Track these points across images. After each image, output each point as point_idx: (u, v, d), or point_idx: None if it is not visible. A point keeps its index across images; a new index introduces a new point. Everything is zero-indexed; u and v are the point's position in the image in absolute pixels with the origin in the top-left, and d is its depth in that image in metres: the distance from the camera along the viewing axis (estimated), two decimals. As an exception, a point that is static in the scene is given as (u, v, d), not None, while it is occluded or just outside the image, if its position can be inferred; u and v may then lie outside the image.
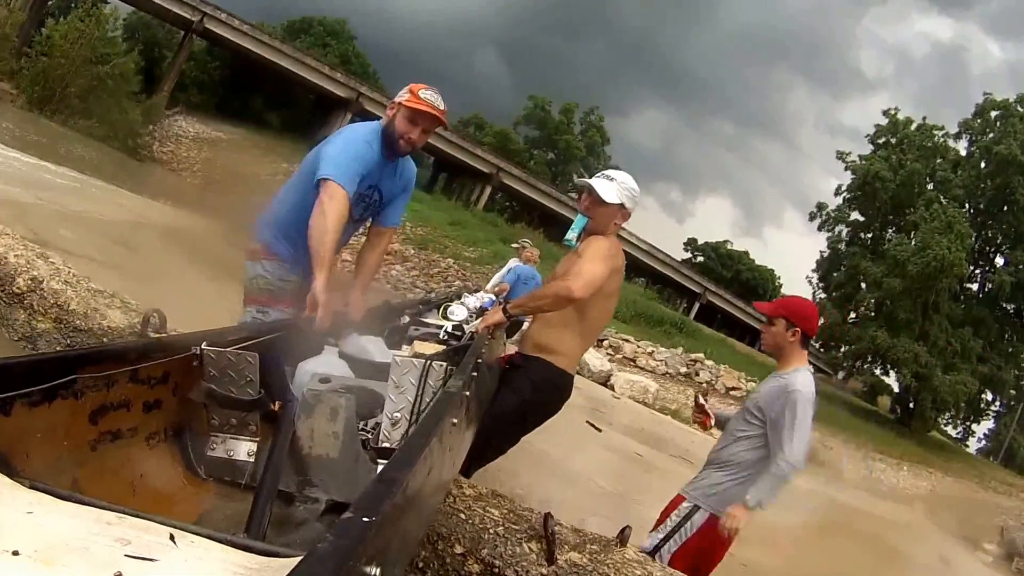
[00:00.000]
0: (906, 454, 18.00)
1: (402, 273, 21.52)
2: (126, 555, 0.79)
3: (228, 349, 1.65)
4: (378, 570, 0.75)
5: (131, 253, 6.78)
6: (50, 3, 35.33)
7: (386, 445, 1.53)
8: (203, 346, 1.63)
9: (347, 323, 2.56)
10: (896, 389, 25.54)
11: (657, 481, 6.10)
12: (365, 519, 0.76)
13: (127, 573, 0.76)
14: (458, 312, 3.11)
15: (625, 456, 6.72)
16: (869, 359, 24.25)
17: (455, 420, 1.33)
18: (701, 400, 3.03)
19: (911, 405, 24.06)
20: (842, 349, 25.21)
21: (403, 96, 2.66)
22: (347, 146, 2.59)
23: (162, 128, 28.90)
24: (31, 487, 0.93)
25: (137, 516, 0.90)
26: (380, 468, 1.53)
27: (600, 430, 7.23)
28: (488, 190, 36.66)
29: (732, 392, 19.40)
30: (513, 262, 10.17)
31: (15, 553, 0.74)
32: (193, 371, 1.63)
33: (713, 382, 19.74)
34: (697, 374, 19.85)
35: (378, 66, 44.18)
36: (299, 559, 0.71)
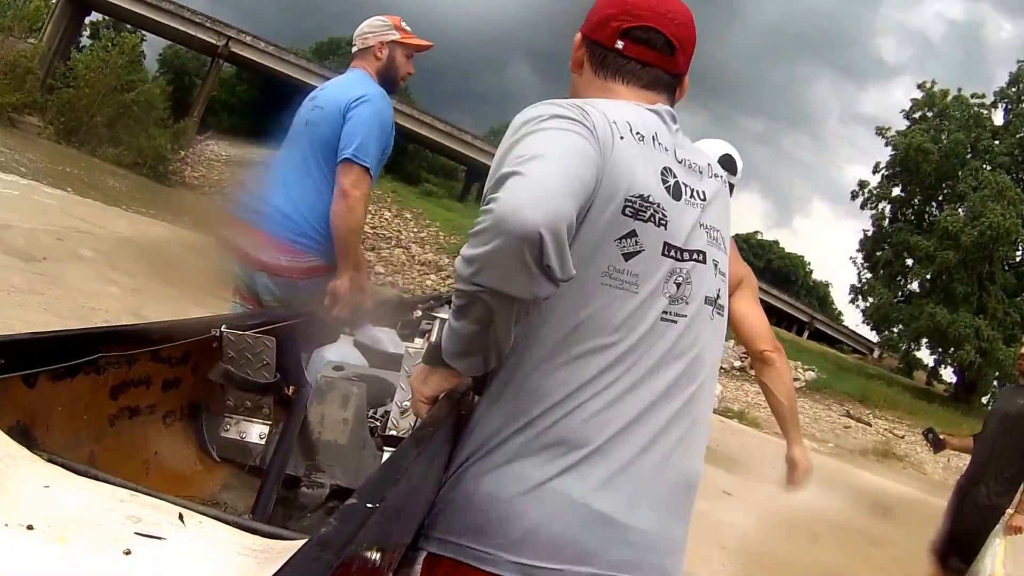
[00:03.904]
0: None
1: (437, 283, 20.89)
2: (136, 532, 0.81)
3: (247, 333, 1.67)
4: (379, 555, 0.77)
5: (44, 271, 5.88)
6: (82, 42, 34.80)
7: (393, 433, 1.55)
8: (223, 328, 1.65)
9: (362, 313, 2.55)
10: (930, 364, 24.81)
11: (764, 533, 5.21)
12: (368, 505, 0.78)
13: (136, 550, 0.78)
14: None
15: (712, 497, 5.36)
16: (926, 338, 23.06)
17: (463, 411, 1.35)
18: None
19: (963, 381, 23.31)
20: (895, 328, 23.91)
21: (390, 33, 2.40)
22: (377, 119, 2.30)
23: (194, 154, 28.44)
24: (49, 460, 0.96)
25: (149, 494, 0.92)
26: (386, 456, 1.56)
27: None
28: (523, 194, 36.79)
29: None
30: None
31: (30, 527, 0.77)
32: (212, 352, 1.65)
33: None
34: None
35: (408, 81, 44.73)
36: (302, 542, 0.73)
